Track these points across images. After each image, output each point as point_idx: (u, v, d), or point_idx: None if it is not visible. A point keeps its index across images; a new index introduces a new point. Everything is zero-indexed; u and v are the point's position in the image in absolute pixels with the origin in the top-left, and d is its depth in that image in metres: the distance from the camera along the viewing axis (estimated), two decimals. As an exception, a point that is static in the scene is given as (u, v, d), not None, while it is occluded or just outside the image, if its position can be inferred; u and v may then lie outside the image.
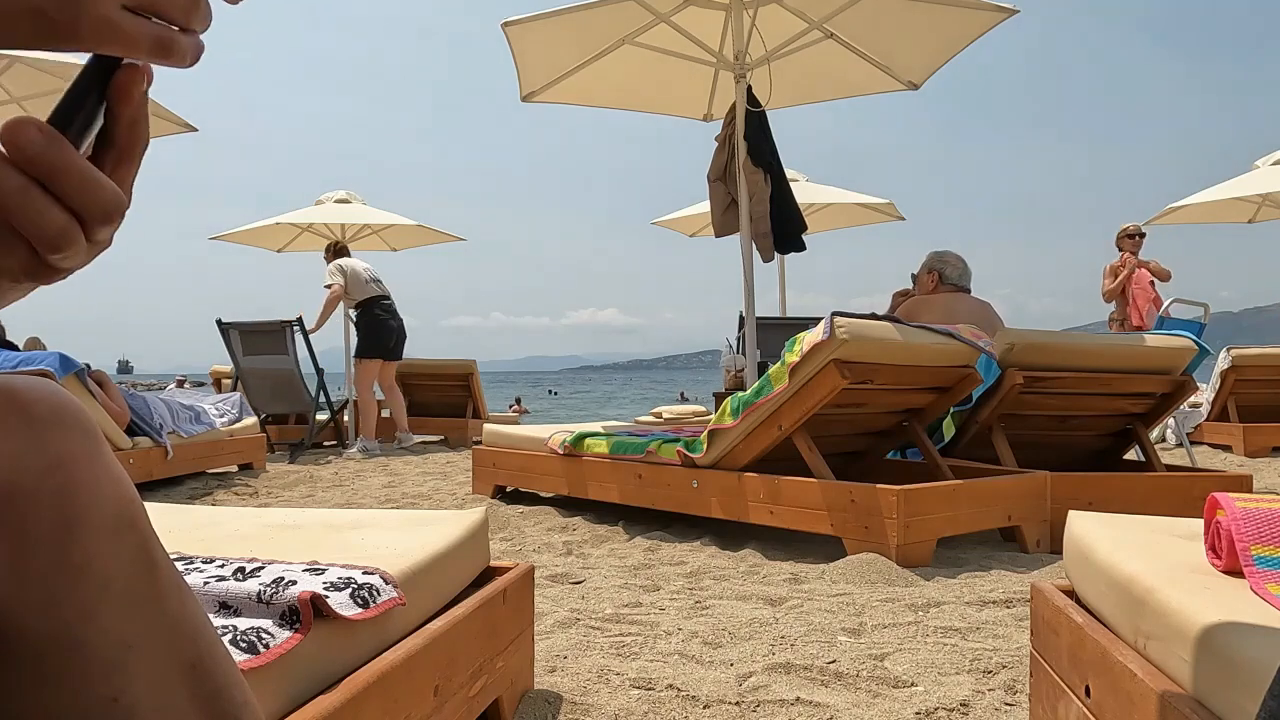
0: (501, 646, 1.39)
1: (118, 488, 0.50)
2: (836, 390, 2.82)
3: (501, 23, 4.90)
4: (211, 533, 1.37)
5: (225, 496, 4.65)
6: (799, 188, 6.79)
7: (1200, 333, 4.88)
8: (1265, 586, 0.96)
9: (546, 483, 3.94)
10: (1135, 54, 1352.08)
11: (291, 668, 0.87)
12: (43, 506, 0.46)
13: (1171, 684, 0.91)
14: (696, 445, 3.25)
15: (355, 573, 1.05)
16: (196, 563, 1.07)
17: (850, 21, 4.84)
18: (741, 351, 5.85)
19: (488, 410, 8.22)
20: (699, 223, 9.40)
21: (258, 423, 5.95)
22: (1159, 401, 3.68)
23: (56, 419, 0.49)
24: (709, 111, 5.85)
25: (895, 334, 2.97)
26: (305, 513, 1.56)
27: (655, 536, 3.21)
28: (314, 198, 9.11)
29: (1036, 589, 1.36)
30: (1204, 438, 6.96)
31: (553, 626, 2.02)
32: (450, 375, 7.80)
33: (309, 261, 9.09)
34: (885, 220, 10.13)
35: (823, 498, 2.82)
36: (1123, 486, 3.29)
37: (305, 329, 6.63)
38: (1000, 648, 1.81)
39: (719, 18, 4.97)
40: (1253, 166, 8.46)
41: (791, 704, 1.51)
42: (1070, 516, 1.37)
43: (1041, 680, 1.32)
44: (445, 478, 5.16)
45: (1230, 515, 1.05)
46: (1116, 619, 1.09)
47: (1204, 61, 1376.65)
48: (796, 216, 4.88)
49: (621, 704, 1.51)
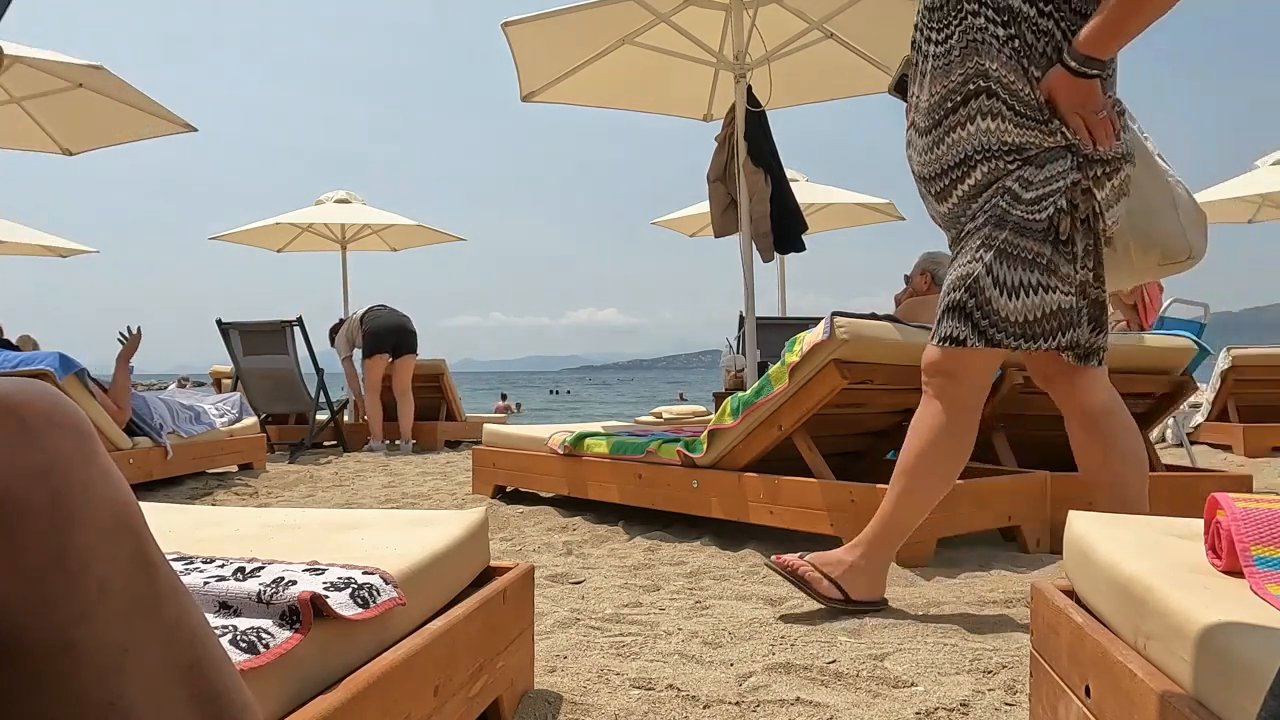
0: (501, 646, 1.39)
1: (113, 490, 0.50)
2: (836, 390, 2.82)
3: (501, 23, 4.90)
4: (211, 533, 1.37)
5: (225, 496, 4.65)
6: (799, 188, 6.80)
7: (1200, 333, 4.89)
8: (1265, 587, 0.96)
9: (546, 483, 3.94)
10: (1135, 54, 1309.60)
11: (291, 668, 0.87)
12: (38, 510, 0.46)
13: (1171, 684, 0.91)
14: (696, 445, 3.25)
15: (355, 573, 1.05)
16: (196, 563, 1.07)
17: (850, 21, 4.84)
18: (741, 351, 5.85)
19: (463, 411, 7.94)
20: (699, 223, 9.41)
21: (258, 423, 5.95)
22: (1159, 401, 3.68)
23: (51, 422, 0.48)
24: (709, 111, 5.85)
25: (895, 334, 2.97)
26: (305, 513, 1.56)
27: (655, 536, 3.21)
28: (314, 197, 9.12)
29: (1036, 589, 1.36)
30: (1204, 438, 6.96)
31: (553, 626, 2.02)
32: (418, 377, 7.35)
33: (309, 261, 9.14)
34: (885, 220, 10.14)
35: (823, 497, 2.82)
36: (1123, 486, 3.28)
37: (305, 329, 6.63)
38: (1000, 648, 1.82)
39: (719, 18, 4.97)
40: (1253, 166, 8.46)
41: (791, 704, 1.51)
42: (1070, 516, 1.37)
43: (1041, 680, 1.32)
44: (445, 478, 5.16)
45: (1230, 515, 1.05)
46: (1116, 619, 1.09)
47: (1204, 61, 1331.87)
48: (797, 216, 4.88)
49: (621, 704, 1.51)
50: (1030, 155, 1.93)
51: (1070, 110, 1.89)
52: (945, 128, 2.00)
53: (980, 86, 1.95)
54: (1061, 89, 1.89)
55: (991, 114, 1.94)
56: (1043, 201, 1.91)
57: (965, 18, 1.98)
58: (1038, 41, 1.92)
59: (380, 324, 6.95)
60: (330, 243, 9.55)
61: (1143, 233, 2.06)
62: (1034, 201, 1.92)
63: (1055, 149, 1.92)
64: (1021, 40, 1.92)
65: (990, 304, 1.94)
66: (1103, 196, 1.95)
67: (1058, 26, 1.92)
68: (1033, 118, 1.92)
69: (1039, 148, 1.93)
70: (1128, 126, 1.99)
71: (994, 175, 1.96)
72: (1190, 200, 2.10)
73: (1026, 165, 1.93)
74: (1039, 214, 1.91)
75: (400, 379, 7.04)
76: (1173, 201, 2.07)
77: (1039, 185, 1.92)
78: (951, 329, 1.99)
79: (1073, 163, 1.92)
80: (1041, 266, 1.92)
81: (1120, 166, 1.96)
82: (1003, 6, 1.94)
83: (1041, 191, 1.91)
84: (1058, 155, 1.92)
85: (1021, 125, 1.92)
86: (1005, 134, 1.93)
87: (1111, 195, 1.97)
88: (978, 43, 1.96)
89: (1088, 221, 1.95)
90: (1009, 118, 1.93)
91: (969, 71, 1.96)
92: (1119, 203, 2.00)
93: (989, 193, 1.97)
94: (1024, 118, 1.92)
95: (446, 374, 7.58)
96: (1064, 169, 1.91)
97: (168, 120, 5.75)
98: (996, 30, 1.94)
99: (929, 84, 2.05)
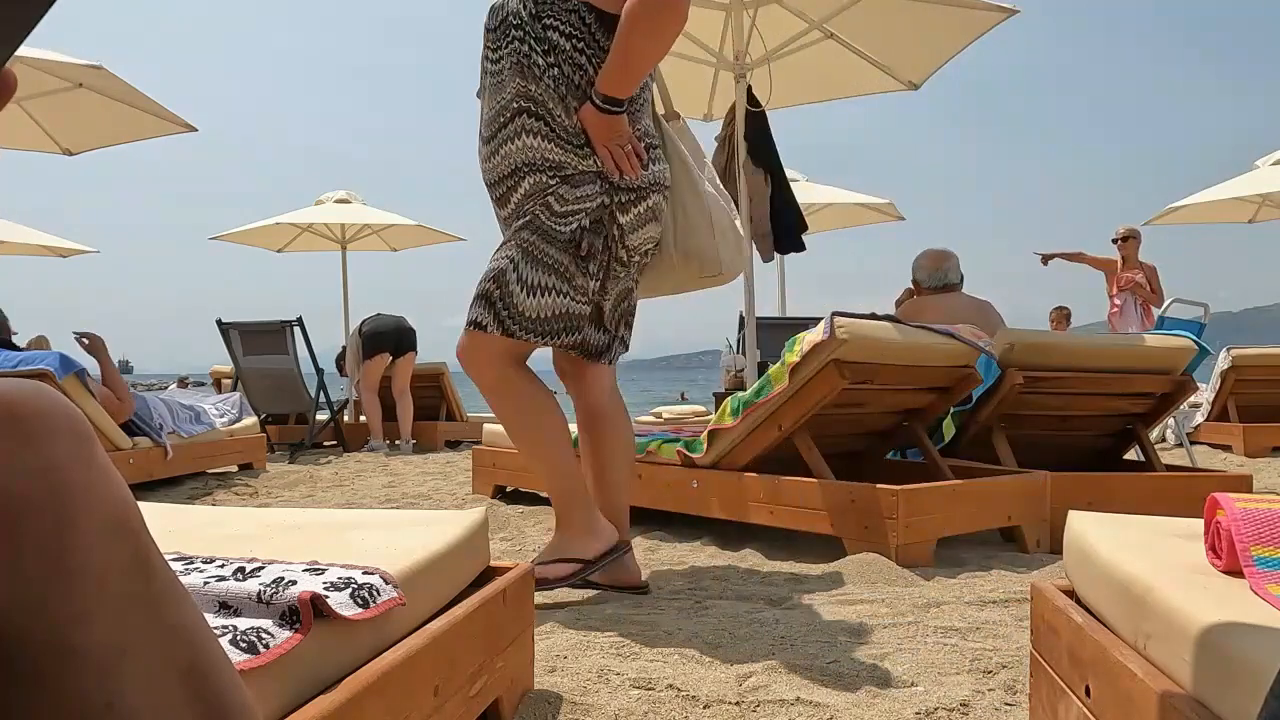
0: (501, 646, 1.39)
1: (112, 491, 0.50)
2: (836, 390, 2.82)
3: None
4: (211, 533, 1.37)
5: (225, 496, 4.65)
6: (799, 188, 6.79)
7: (1200, 333, 4.89)
8: (1265, 587, 0.96)
9: (546, 483, 3.93)
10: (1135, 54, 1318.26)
11: (291, 668, 0.87)
12: (36, 511, 0.46)
13: (1171, 684, 0.91)
14: (696, 445, 3.25)
15: (355, 573, 1.05)
16: (196, 563, 1.07)
17: (850, 21, 4.84)
18: (741, 351, 5.85)
19: (465, 412, 7.93)
20: (699, 223, 9.38)
21: (258, 423, 5.95)
22: (1159, 401, 3.68)
23: (49, 423, 0.48)
24: (709, 111, 5.85)
25: (895, 334, 2.97)
26: (305, 513, 1.56)
27: (655, 536, 3.21)
28: (314, 198, 9.12)
29: (1036, 589, 1.36)
30: (1204, 438, 6.96)
31: (553, 627, 2.02)
32: (419, 378, 7.40)
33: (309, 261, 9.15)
34: (885, 220, 10.14)
35: (823, 498, 2.82)
36: (1123, 486, 3.29)
37: (305, 329, 6.63)
38: (1000, 648, 1.82)
39: (719, 18, 4.97)
40: (1253, 166, 8.46)
41: (791, 704, 1.51)
42: (1070, 516, 1.37)
43: (1041, 680, 1.32)
44: (445, 478, 5.16)
45: (1230, 515, 1.05)
46: (1116, 619, 1.09)
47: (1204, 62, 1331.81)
48: (797, 217, 4.88)
49: (621, 704, 1.51)
50: (568, 174, 2.11)
51: (598, 142, 2.09)
52: (499, 140, 2.17)
53: (523, 106, 2.12)
54: (589, 122, 2.08)
55: (534, 132, 2.12)
56: (570, 217, 2.11)
57: (513, 43, 2.14)
58: (574, 74, 2.10)
59: (379, 325, 7.00)
60: (330, 243, 9.56)
61: (684, 247, 2.29)
62: (564, 215, 2.11)
63: (588, 173, 2.12)
64: (560, 70, 2.10)
65: (512, 298, 2.12)
66: (626, 220, 2.16)
67: (590, 63, 2.10)
68: (570, 141, 2.11)
69: (575, 169, 2.11)
70: (660, 159, 2.22)
71: (539, 187, 2.13)
72: (729, 223, 2.36)
73: (564, 184, 2.11)
74: (565, 227, 2.11)
75: (400, 379, 7.05)
76: (710, 222, 2.30)
77: (571, 202, 2.11)
78: (477, 314, 2.17)
79: (601, 187, 2.12)
80: (559, 273, 2.12)
81: (648, 195, 2.17)
82: (542, 38, 2.11)
83: (571, 208, 2.11)
84: (590, 179, 2.12)
85: (561, 146, 2.11)
86: (547, 151, 2.12)
87: (636, 220, 2.17)
88: (523, 66, 2.12)
89: (607, 241, 2.15)
90: (550, 137, 2.11)
91: (515, 91, 2.13)
92: (647, 225, 2.21)
93: (531, 201, 2.14)
94: (562, 140, 2.11)
95: (447, 374, 7.60)
96: (593, 192, 2.11)
97: (168, 120, 5.76)
98: (538, 58, 2.11)
99: (488, 98, 2.21)
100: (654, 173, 2.19)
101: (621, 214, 2.15)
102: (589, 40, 2.10)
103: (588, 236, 2.11)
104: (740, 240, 2.40)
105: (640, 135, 2.16)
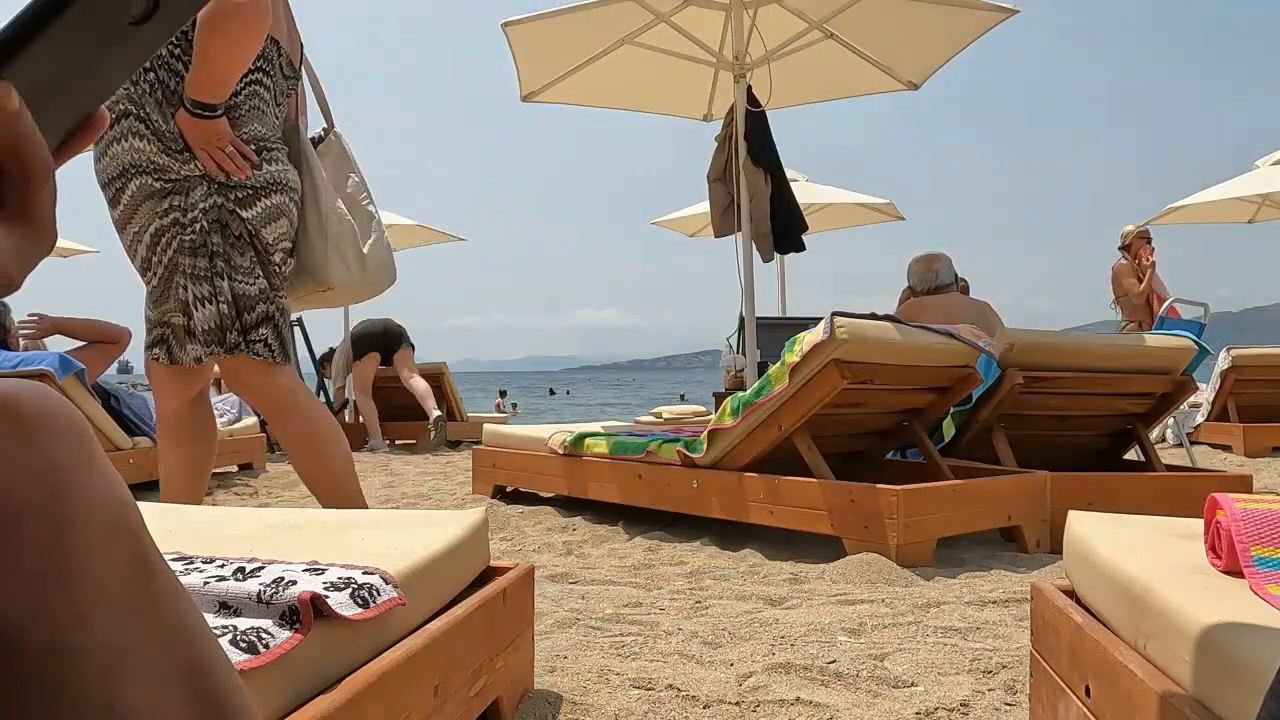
0: (501, 646, 1.39)
1: (111, 491, 0.50)
2: (836, 390, 2.82)
3: (501, 23, 4.90)
4: (211, 533, 1.37)
5: (225, 496, 4.65)
6: (799, 188, 6.79)
7: (1200, 333, 4.88)
8: (1265, 587, 0.96)
9: (546, 483, 3.94)
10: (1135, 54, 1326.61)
11: (291, 668, 0.87)
12: (34, 512, 0.46)
13: (1171, 684, 0.91)
14: (696, 445, 3.25)
15: (355, 573, 1.05)
16: (196, 563, 1.07)
17: (850, 21, 4.84)
18: (741, 351, 5.85)
19: (466, 411, 7.96)
20: (699, 223, 9.39)
21: (257, 423, 5.95)
22: (1159, 401, 3.68)
23: (47, 423, 0.48)
24: (709, 111, 5.85)
25: (895, 334, 2.97)
26: (305, 513, 1.56)
27: (655, 536, 3.21)
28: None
29: (1036, 589, 1.36)
30: (1204, 438, 6.96)
31: (552, 626, 2.02)
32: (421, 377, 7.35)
33: (309, 261, 9.13)
34: (885, 220, 10.13)
35: (823, 498, 2.82)
36: (1123, 486, 3.29)
37: (305, 329, 6.64)
38: (1000, 648, 1.81)
39: (719, 18, 4.97)
40: (1253, 166, 8.46)
41: (791, 704, 1.51)
42: (1070, 516, 1.37)
43: (1041, 680, 1.32)
44: (445, 478, 5.16)
45: (1230, 516, 1.05)
46: (1116, 619, 1.09)
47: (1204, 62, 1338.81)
48: (797, 216, 4.88)
49: (621, 704, 1.51)
50: (174, 179, 2.13)
51: (196, 146, 2.10)
52: (106, 140, 2.16)
53: (127, 109, 2.12)
54: (185, 127, 2.09)
55: (138, 135, 2.12)
56: (195, 224, 2.13)
57: None
58: (170, 79, 2.12)
59: (366, 327, 7.12)
60: (330, 243, 9.54)
61: (299, 259, 2.31)
62: (190, 224, 2.13)
63: (194, 177, 2.13)
64: (157, 75, 2.11)
65: (192, 321, 2.16)
66: (251, 216, 2.17)
67: (187, 69, 2.09)
68: (170, 146, 2.12)
69: (178, 174, 2.13)
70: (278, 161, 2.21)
71: (146, 190, 2.13)
72: (351, 240, 2.31)
73: (176, 193, 2.13)
74: (195, 234, 2.13)
75: (406, 370, 7.11)
76: (324, 235, 2.29)
77: (190, 209, 2.13)
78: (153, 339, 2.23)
79: (210, 188, 2.13)
80: (205, 280, 2.14)
81: (269, 193, 2.18)
82: None
83: (193, 214, 2.13)
84: (197, 183, 2.13)
85: (163, 150, 2.12)
86: (152, 154, 2.12)
87: (262, 215, 2.18)
88: None
89: (243, 237, 2.17)
90: (152, 140, 2.12)
91: (121, 94, 2.13)
92: (279, 220, 2.21)
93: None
94: (164, 143, 2.12)
95: (447, 374, 7.61)
96: (204, 194, 2.13)
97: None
98: None
99: None
100: (271, 173, 2.18)
101: (244, 209, 2.15)
102: (185, 47, 2.09)
103: (214, 235, 2.14)
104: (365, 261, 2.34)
105: (248, 138, 2.16)
